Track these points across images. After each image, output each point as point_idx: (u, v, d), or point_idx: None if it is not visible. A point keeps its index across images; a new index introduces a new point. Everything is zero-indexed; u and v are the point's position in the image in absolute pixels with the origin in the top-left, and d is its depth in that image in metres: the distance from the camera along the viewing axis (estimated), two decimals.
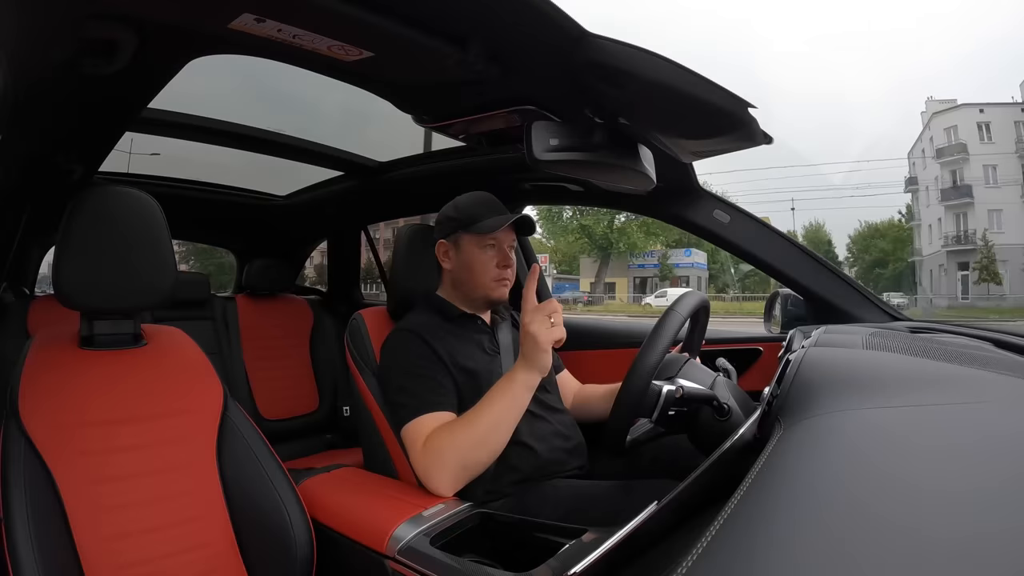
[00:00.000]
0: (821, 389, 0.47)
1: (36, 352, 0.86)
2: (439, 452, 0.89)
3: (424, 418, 0.94)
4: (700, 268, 21.78)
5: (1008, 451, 0.35)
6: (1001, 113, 17.37)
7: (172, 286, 0.91)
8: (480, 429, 0.89)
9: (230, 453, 0.91)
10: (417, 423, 0.94)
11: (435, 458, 0.90)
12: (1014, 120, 17.02)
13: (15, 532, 0.69)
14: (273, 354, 2.02)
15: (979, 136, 17.64)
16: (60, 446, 0.79)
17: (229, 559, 0.87)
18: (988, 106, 17.68)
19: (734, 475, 0.40)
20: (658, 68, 0.68)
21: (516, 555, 0.83)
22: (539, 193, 1.57)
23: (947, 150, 18.36)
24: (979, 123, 17.72)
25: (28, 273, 2.08)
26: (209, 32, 0.70)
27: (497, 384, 0.93)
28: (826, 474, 0.34)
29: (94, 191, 0.87)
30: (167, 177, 1.86)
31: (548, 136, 0.81)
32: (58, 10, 0.62)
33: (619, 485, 0.95)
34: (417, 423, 0.94)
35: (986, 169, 17.27)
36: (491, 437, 0.89)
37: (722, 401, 0.87)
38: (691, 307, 0.94)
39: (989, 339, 0.84)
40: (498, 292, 1.09)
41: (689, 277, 21.74)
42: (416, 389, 0.97)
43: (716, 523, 0.31)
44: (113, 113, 0.96)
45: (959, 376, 0.52)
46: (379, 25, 0.65)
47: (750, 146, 0.90)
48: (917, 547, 0.26)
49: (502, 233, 1.08)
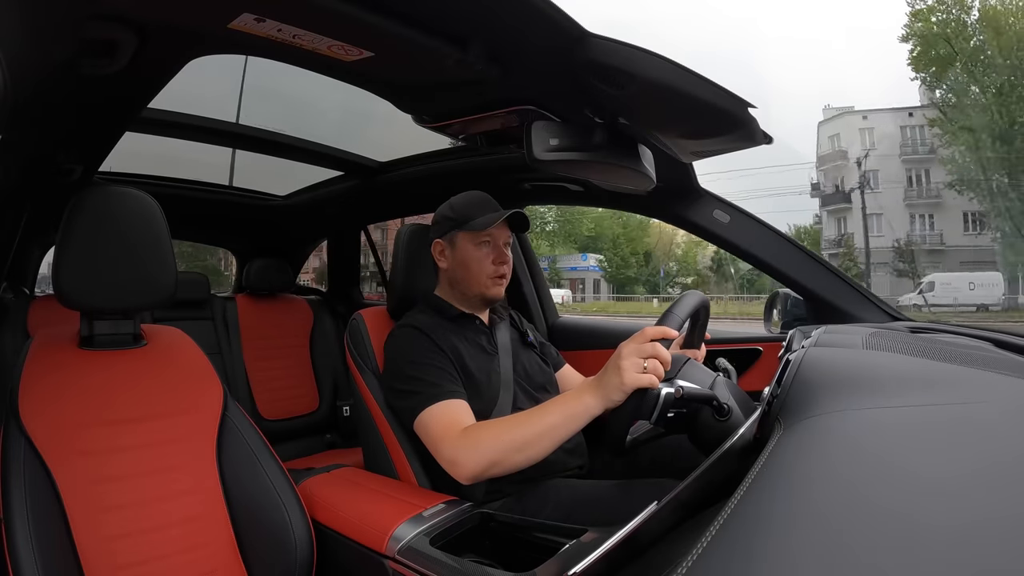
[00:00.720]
0: (821, 389, 0.47)
1: (36, 352, 0.86)
2: (478, 441, 0.88)
3: (447, 404, 0.93)
4: (595, 271, 24.47)
5: (1008, 451, 0.35)
6: (886, 118, 17.87)
7: (172, 286, 0.91)
8: (528, 434, 0.86)
9: (230, 453, 0.91)
10: (440, 409, 0.93)
11: (472, 445, 0.87)
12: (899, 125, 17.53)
13: (15, 532, 0.69)
14: (273, 354, 2.02)
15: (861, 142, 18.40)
16: (60, 446, 0.79)
17: (229, 559, 0.87)
18: (873, 112, 18.26)
19: (734, 475, 0.40)
20: (658, 68, 0.68)
21: (516, 555, 0.83)
22: (539, 193, 1.57)
23: (828, 157, 19.32)
24: (861, 129, 18.43)
25: (28, 273, 2.08)
26: (209, 32, 0.70)
27: (561, 396, 0.90)
28: (826, 474, 0.34)
29: (94, 191, 0.87)
30: (167, 177, 1.86)
31: (548, 136, 0.81)
32: (58, 10, 0.62)
33: (619, 485, 0.95)
34: (440, 409, 0.93)
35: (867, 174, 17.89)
36: (535, 445, 0.86)
37: (722, 401, 0.87)
38: (691, 307, 0.94)
39: (989, 339, 0.84)
40: (494, 290, 1.09)
41: (585, 280, 24.66)
42: (427, 377, 0.96)
43: (716, 523, 0.31)
44: (113, 113, 0.96)
45: (959, 376, 0.52)
46: (379, 25, 0.66)
47: (750, 146, 0.90)
48: (917, 547, 0.26)
49: (496, 230, 1.08)
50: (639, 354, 0.80)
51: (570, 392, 0.88)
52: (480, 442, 0.87)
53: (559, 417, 0.86)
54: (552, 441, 0.86)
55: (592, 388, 0.84)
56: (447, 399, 0.94)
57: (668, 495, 0.57)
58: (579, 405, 0.84)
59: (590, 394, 0.84)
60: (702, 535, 0.31)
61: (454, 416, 0.92)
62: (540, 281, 1.79)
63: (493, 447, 0.86)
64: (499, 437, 0.87)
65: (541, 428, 0.86)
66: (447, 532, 0.82)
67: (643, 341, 0.81)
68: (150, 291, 0.90)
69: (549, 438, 0.86)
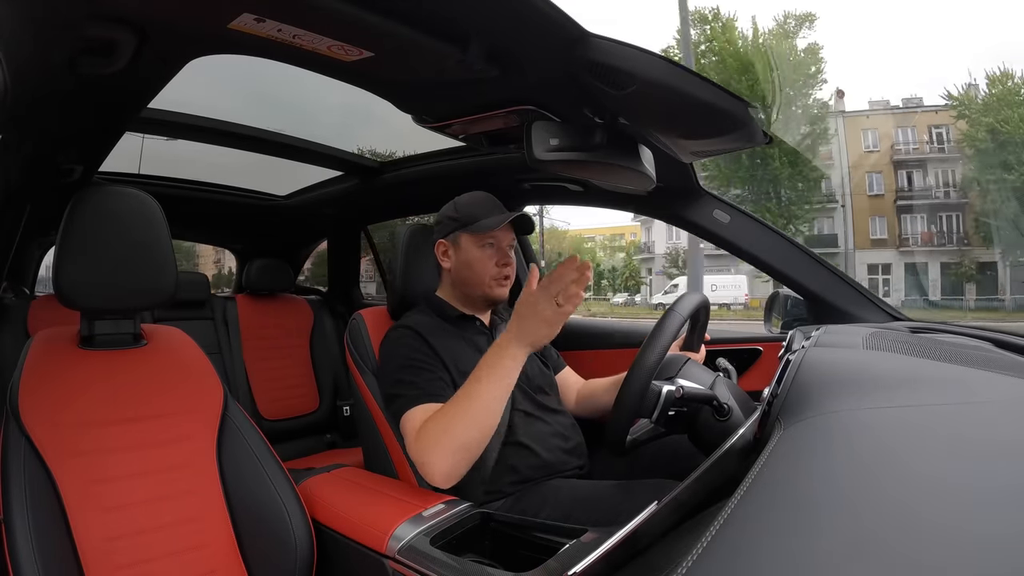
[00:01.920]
0: (821, 389, 0.47)
1: (36, 352, 0.86)
2: (433, 438, 0.87)
3: (423, 408, 0.93)
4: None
5: (1008, 451, 0.35)
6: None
7: (173, 286, 0.91)
8: (470, 409, 0.86)
9: (230, 453, 0.91)
10: (414, 413, 0.93)
11: (429, 444, 0.87)
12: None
13: (15, 532, 0.69)
14: (273, 354, 2.02)
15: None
16: (60, 446, 0.79)
17: (229, 559, 0.87)
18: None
19: (734, 475, 0.40)
20: (658, 68, 0.68)
21: (516, 555, 0.83)
22: (539, 193, 1.57)
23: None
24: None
25: (28, 273, 2.08)
26: (209, 32, 0.70)
27: (484, 359, 0.89)
28: (826, 474, 0.34)
29: (94, 191, 0.87)
30: (167, 177, 1.86)
31: (548, 136, 0.81)
32: (58, 10, 0.62)
33: (619, 485, 0.95)
34: (414, 413, 0.93)
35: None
36: (481, 416, 0.86)
37: (722, 401, 0.87)
38: (691, 307, 0.94)
39: (989, 339, 0.84)
40: (497, 291, 1.09)
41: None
42: (414, 380, 0.96)
43: (716, 523, 0.31)
44: (113, 113, 0.96)
45: (959, 376, 0.52)
46: (379, 25, 0.65)
47: (750, 146, 0.90)
48: (917, 547, 0.26)
49: (500, 232, 1.08)
50: (552, 288, 0.82)
51: (491, 352, 0.88)
52: (435, 437, 0.87)
53: (490, 379, 0.86)
54: (498, 404, 0.87)
55: (509, 336, 0.86)
56: (425, 403, 0.93)
57: (668, 495, 0.57)
58: (503, 358, 0.86)
59: (510, 343, 0.86)
60: (702, 535, 0.31)
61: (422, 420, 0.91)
62: None
63: (447, 438, 0.86)
64: (448, 425, 0.87)
65: (480, 398, 0.86)
66: (447, 532, 0.82)
67: (548, 280, 0.83)
68: (150, 291, 0.90)
69: (493, 403, 0.87)
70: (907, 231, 16.38)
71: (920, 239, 16.26)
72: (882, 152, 16.53)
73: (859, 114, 16.77)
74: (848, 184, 16.68)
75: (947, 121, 15.32)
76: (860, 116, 16.80)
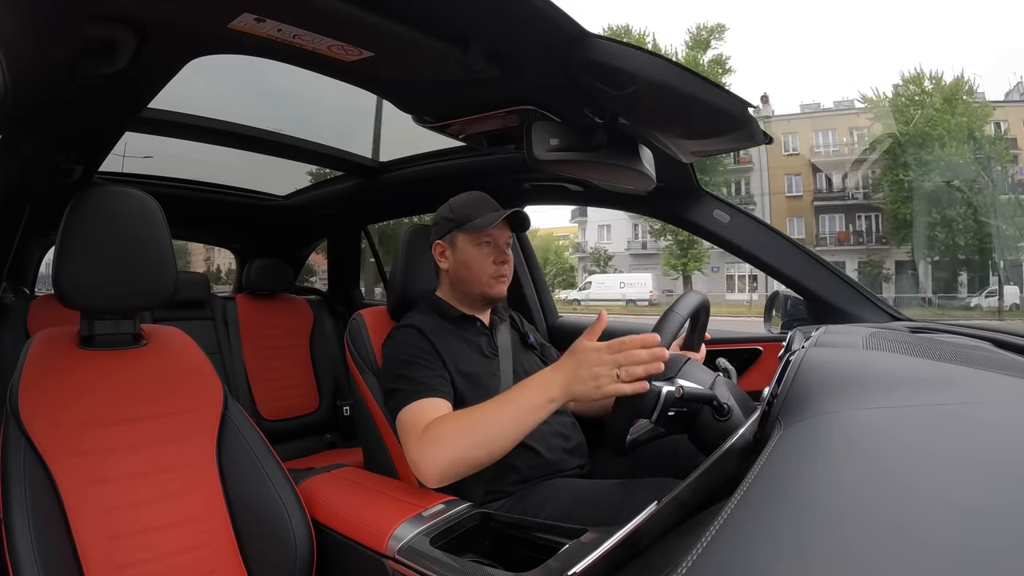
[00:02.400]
0: (821, 389, 0.47)
1: (36, 352, 0.86)
2: (439, 440, 0.85)
3: (422, 403, 0.92)
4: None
5: (1008, 451, 0.35)
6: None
7: (172, 286, 0.91)
8: (491, 431, 0.84)
9: (230, 453, 0.91)
10: (415, 407, 0.92)
11: (433, 445, 0.85)
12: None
13: (15, 532, 0.69)
14: (273, 354, 2.02)
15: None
16: (60, 446, 0.79)
17: (229, 559, 0.87)
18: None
19: (734, 475, 0.40)
20: (658, 68, 0.68)
21: (516, 555, 0.83)
22: (539, 193, 1.57)
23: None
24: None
25: (28, 273, 2.08)
26: (209, 32, 0.70)
27: (522, 385, 0.86)
28: (826, 474, 0.34)
29: (94, 191, 0.87)
30: (167, 177, 1.86)
31: (548, 136, 0.81)
32: (58, 10, 0.62)
33: (619, 485, 0.95)
34: (415, 407, 0.92)
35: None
36: (497, 442, 0.84)
37: (722, 401, 0.87)
38: (691, 307, 0.94)
39: (989, 339, 0.84)
40: (496, 289, 1.10)
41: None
42: (414, 376, 0.96)
43: (716, 523, 0.31)
44: (113, 113, 0.96)
45: (959, 376, 0.52)
46: (379, 25, 0.65)
47: (750, 146, 0.90)
48: (917, 547, 0.26)
49: (496, 230, 1.08)
50: (614, 364, 0.78)
51: (533, 384, 0.85)
52: (442, 441, 0.85)
53: (520, 410, 0.83)
54: (516, 436, 0.84)
55: (559, 384, 0.82)
56: (425, 397, 0.93)
57: (668, 495, 0.57)
58: (544, 400, 0.83)
59: (555, 385, 0.82)
60: (702, 535, 0.31)
61: (424, 414, 0.90)
62: (540, 281, 1.79)
63: (453, 447, 0.84)
64: (461, 434, 0.85)
65: (502, 423, 0.84)
66: (447, 532, 0.82)
67: (619, 350, 0.78)
68: (150, 291, 0.90)
69: (511, 433, 0.84)
70: (824, 231, 17.19)
71: (837, 239, 16.96)
72: (801, 155, 17.50)
73: (782, 119, 17.69)
74: (766, 183, 17.59)
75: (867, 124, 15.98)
76: (783, 121, 17.73)
